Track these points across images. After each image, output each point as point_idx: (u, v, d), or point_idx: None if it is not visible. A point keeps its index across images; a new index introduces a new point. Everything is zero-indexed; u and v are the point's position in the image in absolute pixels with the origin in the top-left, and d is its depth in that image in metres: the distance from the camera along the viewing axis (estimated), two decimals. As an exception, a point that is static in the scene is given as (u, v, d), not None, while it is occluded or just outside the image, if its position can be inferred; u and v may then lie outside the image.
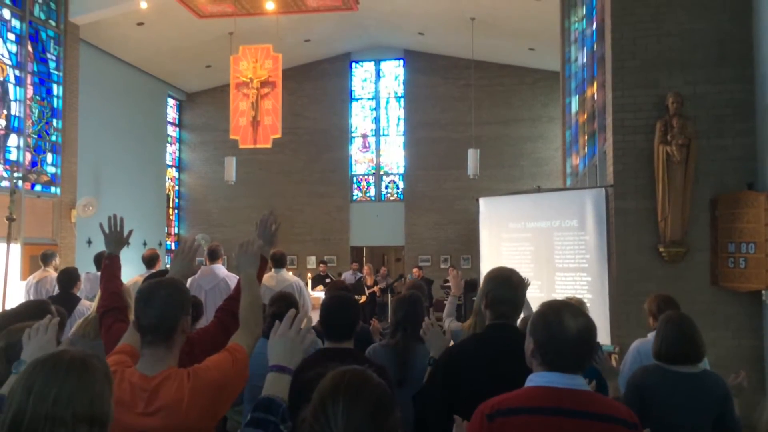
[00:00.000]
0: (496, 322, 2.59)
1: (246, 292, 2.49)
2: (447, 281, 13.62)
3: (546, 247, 6.81)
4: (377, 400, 1.45)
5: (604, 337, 5.86)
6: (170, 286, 2.19)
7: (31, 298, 6.44)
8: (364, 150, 18.28)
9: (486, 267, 7.50)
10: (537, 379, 1.97)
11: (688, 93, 6.14)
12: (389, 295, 12.95)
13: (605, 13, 6.89)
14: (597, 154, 8.04)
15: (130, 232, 3.09)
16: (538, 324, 2.01)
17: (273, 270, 6.29)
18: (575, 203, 6.72)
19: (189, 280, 6.35)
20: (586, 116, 9.61)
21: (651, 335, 3.80)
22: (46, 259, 7.01)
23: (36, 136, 11.95)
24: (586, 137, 9.62)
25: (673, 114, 6.02)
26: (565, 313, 1.97)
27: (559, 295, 6.21)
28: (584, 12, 9.83)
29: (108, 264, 2.99)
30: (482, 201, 7.72)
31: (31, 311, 3.06)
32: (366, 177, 18.21)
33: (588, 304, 4.69)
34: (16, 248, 10.04)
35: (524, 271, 4.70)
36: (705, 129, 6.11)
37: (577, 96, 10.55)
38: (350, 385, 1.46)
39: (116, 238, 3.04)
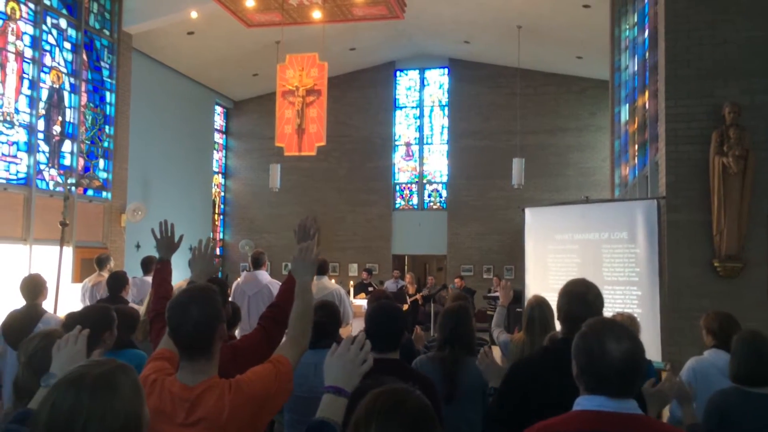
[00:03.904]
0: (568, 336, 2.52)
1: (298, 300, 2.44)
2: (494, 291, 13.46)
3: (594, 260, 6.64)
4: (412, 422, 1.40)
5: (654, 353, 5.66)
6: (201, 297, 2.08)
7: (87, 302, 6.54)
8: (408, 158, 18.25)
9: (531, 278, 7.36)
10: (585, 402, 1.86)
11: (746, 102, 5.92)
12: (432, 303, 12.86)
13: (658, 20, 6.70)
14: (648, 164, 7.81)
15: (181, 238, 3.11)
16: (579, 347, 1.89)
17: (314, 277, 6.28)
18: (625, 215, 6.55)
19: (233, 285, 6.45)
20: (636, 126, 9.37)
21: (707, 353, 3.66)
22: (101, 263, 7.02)
23: (89, 142, 12.29)
24: (636, 147, 9.38)
25: (730, 124, 5.81)
26: (608, 337, 1.83)
27: (608, 309, 6.02)
28: (636, 19, 9.62)
29: (159, 269, 3.02)
30: (528, 211, 7.60)
31: (95, 315, 3.18)
32: (409, 185, 18.17)
33: (638, 319, 4.54)
34: (68, 251, 10.33)
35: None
36: (763, 140, 5.88)
37: (627, 105, 10.30)
38: (383, 408, 1.42)
39: (167, 244, 3.07)
